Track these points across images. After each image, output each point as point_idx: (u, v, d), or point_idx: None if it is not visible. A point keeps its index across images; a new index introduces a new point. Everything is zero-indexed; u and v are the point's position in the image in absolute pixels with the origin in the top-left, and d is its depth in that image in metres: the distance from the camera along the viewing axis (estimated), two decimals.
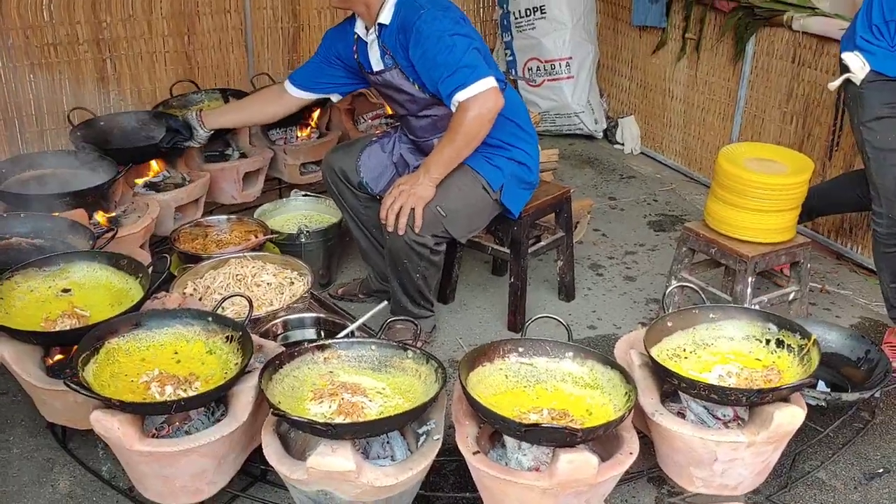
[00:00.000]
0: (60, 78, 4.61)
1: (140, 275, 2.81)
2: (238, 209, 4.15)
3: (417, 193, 2.99)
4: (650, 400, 2.49)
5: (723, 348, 2.65)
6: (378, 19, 3.05)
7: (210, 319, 2.59)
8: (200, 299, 3.10)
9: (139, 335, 2.55)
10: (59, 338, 2.61)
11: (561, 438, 2.22)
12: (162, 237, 3.76)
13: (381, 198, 3.25)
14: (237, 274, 3.26)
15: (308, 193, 4.03)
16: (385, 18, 3.03)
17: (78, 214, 3.25)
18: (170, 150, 3.74)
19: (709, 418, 2.52)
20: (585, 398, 2.46)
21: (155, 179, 3.93)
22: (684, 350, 2.65)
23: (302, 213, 3.98)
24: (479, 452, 2.31)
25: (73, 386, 2.25)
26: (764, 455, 2.44)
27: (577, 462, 2.19)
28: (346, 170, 3.36)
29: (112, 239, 3.12)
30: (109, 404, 2.27)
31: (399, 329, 3.18)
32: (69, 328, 2.61)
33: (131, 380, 2.43)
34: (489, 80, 2.90)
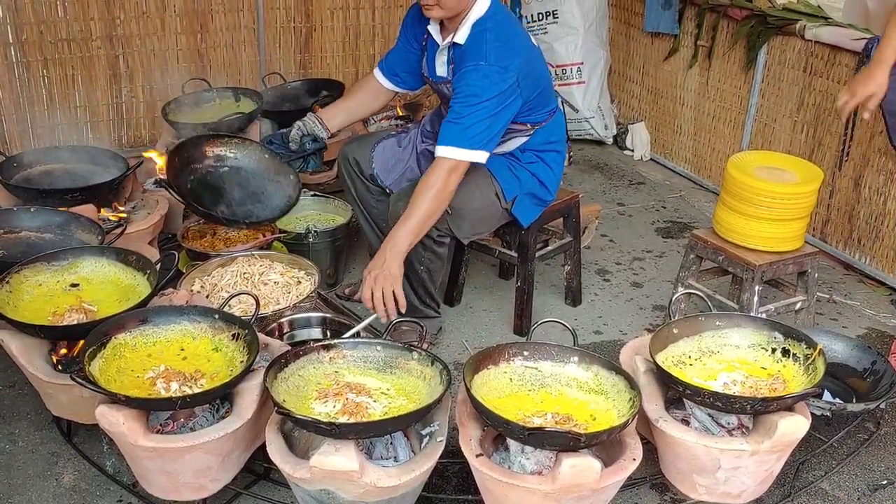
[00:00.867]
0: (73, 74, 4.64)
1: (148, 271, 2.82)
2: None
3: (389, 275, 2.93)
4: (654, 406, 2.49)
5: (728, 356, 2.65)
6: (455, 38, 3.04)
7: (217, 317, 2.60)
8: (208, 297, 3.11)
9: (146, 331, 2.56)
10: (67, 332, 2.63)
11: (564, 443, 2.22)
12: (171, 234, 3.77)
13: (391, 192, 3.27)
14: (244, 272, 3.26)
15: (317, 193, 4.03)
16: (461, 38, 3.02)
17: (87, 210, 3.26)
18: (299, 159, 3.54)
19: (713, 426, 2.51)
20: (590, 403, 2.46)
21: (165, 176, 3.94)
22: (689, 357, 2.64)
23: (310, 213, 3.99)
24: (483, 455, 2.31)
25: (80, 380, 2.26)
26: (767, 464, 2.43)
27: (580, 467, 2.19)
28: (361, 161, 3.40)
29: (121, 235, 3.13)
30: (115, 399, 2.28)
31: (405, 330, 3.19)
32: (76, 323, 2.62)
33: (137, 375, 2.44)
34: (475, 155, 2.94)
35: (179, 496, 2.42)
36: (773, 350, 2.63)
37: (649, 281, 4.03)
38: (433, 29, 3.15)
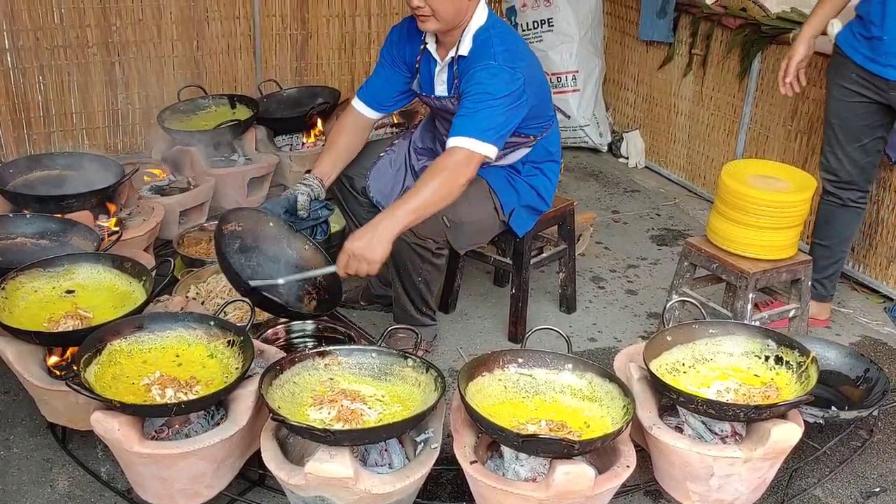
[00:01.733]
0: (69, 80, 4.65)
1: (144, 278, 2.83)
2: None
3: (371, 258, 2.75)
4: (648, 413, 2.50)
5: (722, 364, 2.66)
6: (459, 51, 3.01)
7: (212, 323, 2.61)
8: (203, 303, 3.11)
9: (141, 338, 2.56)
10: (62, 339, 2.63)
11: (558, 450, 2.23)
12: (166, 241, 3.78)
13: (380, 204, 3.27)
14: None
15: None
16: (464, 50, 3.00)
17: (83, 216, 3.27)
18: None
19: (706, 433, 2.52)
20: (584, 410, 2.47)
21: (161, 183, 3.96)
22: (683, 365, 2.65)
23: None
24: (477, 462, 2.32)
25: (75, 387, 2.27)
26: (760, 471, 2.44)
27: (574, 474, 2.20)
28: (351, 175, 3.37)
29: (117, 241, 3.14)
30: (110, 406, 2.29)
31: (400, 338, 3.19)
32: (72, 329, 2.62)
33: (132, 382, 2.44)
34: (488, 149, 2.86)
35: (174, 503, 2.42)
36: (767, 358, 2.64)
37: (644, 288, 4.04)
38: (432, 47, 3.10)
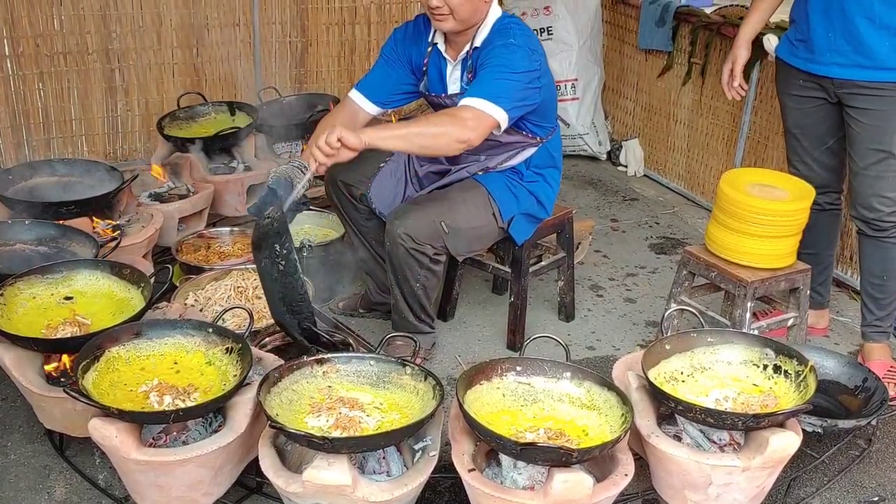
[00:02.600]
0: (69, 87, 4.65)
1: (142, 284, 2.83)
2: (241, 221, 4.16)
3: (344, 138, 2.65)
4: (646, 422, 2.50)
5: (720, 372, 2.66)
6: (474, 43, 3.00)
7: (210, 331, 2.61)
8: (201, 310, 3.11)
9: (139, 345, 2.56)
10: (60, 345, 2.63)
11: (556, 458, 2.23)
12: (165, 247, 3.77)
13: (382, 214, 3.26)
14: (238, 286, 3.27)
15: (312, 207, 4.04)
16: (479, 41, 3.00)
17: (82, 223, 3.27)
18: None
19: (705, 442, 2.52)
20: (582, 419, 2.47)
21: (159, 190, 3.96)
22: (682, 373, 2.65)
23: (305, 227, 4.00)
24: (475, 470, 2.31)
25: (73, 393, 2.27)
26: (759, 480, 2.44)
27: (572, 482, 2.19)
28: (349, 182, 3.36)
29: (115, 248, 3.14)
30: (108, 412, 2.28)
31: (399, 345, 3.19)
32: (70, 336, 2.62)
33: (130, 389, 2.44)
34: (500, 114, 2.85)
35: None
36: (765, 366, 2.64)
37: (642, 297, 4.04)
38: (442, 46, 3.10)
